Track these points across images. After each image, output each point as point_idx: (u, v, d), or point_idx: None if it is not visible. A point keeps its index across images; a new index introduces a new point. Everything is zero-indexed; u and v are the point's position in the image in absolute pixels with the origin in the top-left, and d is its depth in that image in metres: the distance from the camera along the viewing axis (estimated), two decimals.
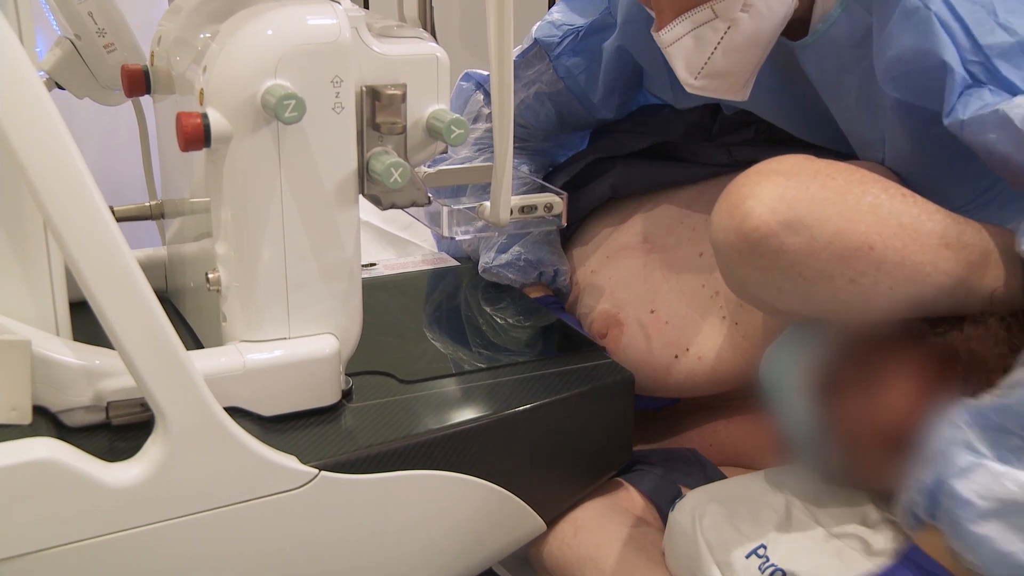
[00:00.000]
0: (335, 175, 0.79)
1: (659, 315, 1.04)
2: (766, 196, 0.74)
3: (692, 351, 1.01)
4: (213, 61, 0.77)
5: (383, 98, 0.79)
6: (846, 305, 0.77)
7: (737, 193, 0.76)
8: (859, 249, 0.74)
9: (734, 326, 1.00)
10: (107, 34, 1.01)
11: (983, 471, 0.68)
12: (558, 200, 0.95)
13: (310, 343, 0.82)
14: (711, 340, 1.01)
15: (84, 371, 0.76)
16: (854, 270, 0.75)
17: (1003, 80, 0.78)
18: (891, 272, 0.75)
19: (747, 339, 0.99)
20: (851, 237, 0.74)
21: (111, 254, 0.67)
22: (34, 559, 0.70)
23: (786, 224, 0.74)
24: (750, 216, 0.74)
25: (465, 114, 1.22)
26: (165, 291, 1.03)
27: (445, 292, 1.16)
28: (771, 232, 0.74)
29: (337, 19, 0.77)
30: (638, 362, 1.03)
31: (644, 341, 1.04)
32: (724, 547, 0.82)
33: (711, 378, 1.02)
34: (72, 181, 0.66)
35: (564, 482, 0.93)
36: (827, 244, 0.74)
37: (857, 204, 0.75)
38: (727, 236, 0.76)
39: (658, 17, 0.90)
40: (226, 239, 0.80)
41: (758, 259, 0.75)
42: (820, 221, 0.74)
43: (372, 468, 0.80)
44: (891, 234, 0.75)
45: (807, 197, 0.75)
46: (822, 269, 0.75)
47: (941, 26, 0.80)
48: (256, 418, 0.81)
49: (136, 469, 0.72)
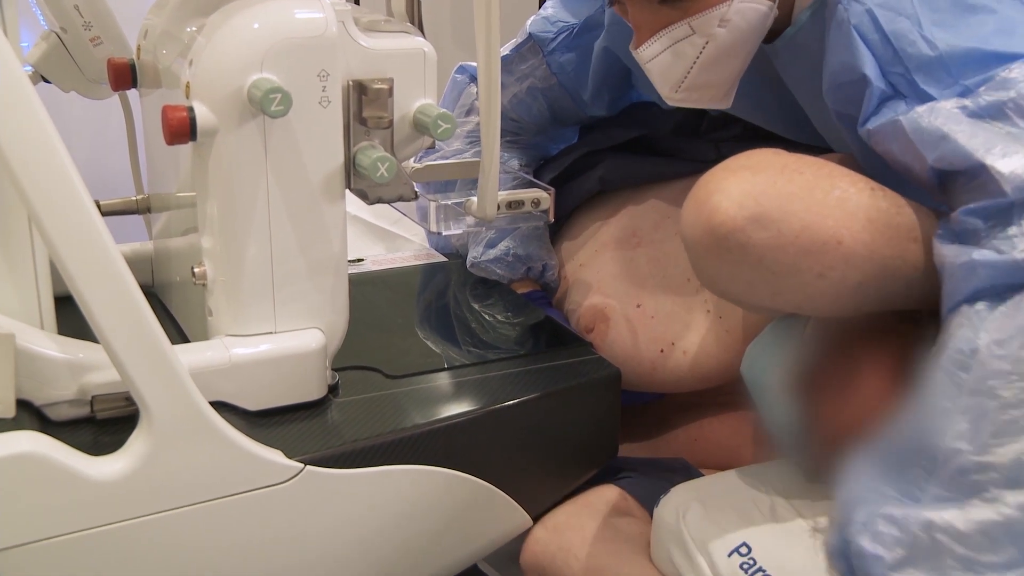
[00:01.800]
0: (321, 169, 0.79)
1: (645, 309, 1.05)
2: (733, 191, 0.75)
3: (677, 345, 1.02)
4: (199, 54, 0.76)
5: (370, 92, 0.79)
6: (816, 299, 0.78)
7: (704, 189, 0.77)
8: (827, 243, 0.75)
9: (718, 320, 1.00)
10: (93, 27, 1.01)
11: (884, 520, 0.68)
12: (545, 196, 0.95)
13: (296, 338, 0.82)
14: (696, 334, 1.01)
15: (68, 365, 0.76)
16: (822, 264, 0.75)
17: (921, 93, 0.78)
18: (860, 266, 0.75)
19: (730, 333, 0.99)
20: (819, 232, 0.74)
21: (96, 248, 0.67)
22: (17, 553, 0.70)
23: (753, 219, 0.74)
24: (717, 211, 0.75)
25: (458, 107, 1.23)
26: (151, 285, 1.03)
27: (433, 288, 1.16)
28: (738, 227, 0.74)
29: (324, 13, 0.77)
30: (624, 357, 1.03)
31: (630, 336, 1.04)
32: (707, 544, 0.82)
33: (695, 373, 1.02)
34: (56, 174, 0.66)
35: (550, 477, 0.93)
36: (795, 239, 0.74)
37: (825, 199, 0.75)
38: (695, 232, 0.77)
39: (636, 34, 0.91)
40: (212, 233, 0.80)
41: (726, 254, 0.76)
42: (787, 216, 0.74)
43: (358, 463, 0.80)
44: (859, 228, 0.75)
45: (774, 192, 0.75)
46: (790, 264, 0.75)
47: (861, 38, 0.80)
48: (241, 412, 0.81)
49: (120, 463, 0.72)
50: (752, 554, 0.80)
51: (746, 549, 0.81)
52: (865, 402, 0.79)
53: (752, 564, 0.80)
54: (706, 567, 0.81)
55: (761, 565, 0.79)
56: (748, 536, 0.81)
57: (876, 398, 0.78)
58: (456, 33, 2.38)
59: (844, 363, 0.81)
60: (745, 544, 0.81)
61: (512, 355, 0.96)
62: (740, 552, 0.80)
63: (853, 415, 0.79)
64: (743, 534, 0.82)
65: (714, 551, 0.81)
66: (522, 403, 0.88)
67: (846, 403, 0.80)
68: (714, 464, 1.03)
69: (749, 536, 0.81)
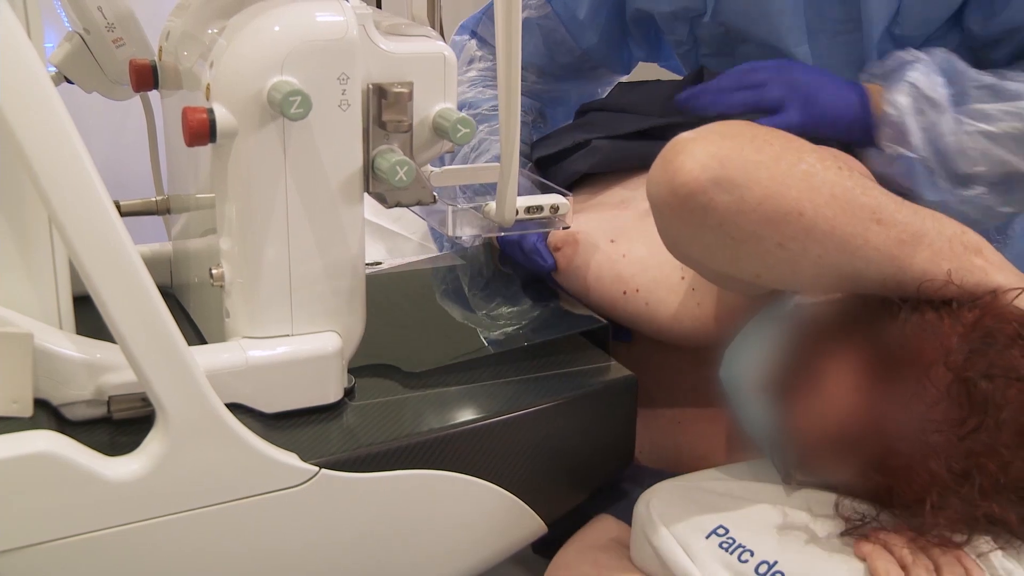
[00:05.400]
0: (340, 172, 0.79)
1: (618, 246, 1.03)
2: (699, 153, 0.75)
3: (641, 294, 1.00)
4: (220, 56, 0.77)
5: (390, 96, 0.79)
6: (774, 270, 0.78)
7: (672, 149, 0.77)
8: (789, 214, 0.75)
9: (691, 291, 0.99)
10: (116, 29, 1.01)
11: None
12: (564, 201, 0.95)
13: (313, 340, 0.82)
14: (663, 292, 1.00)
15: (86, 365, 0.76)
16: (783, 234, 0.76)
17: None
18: (820, 240, 0.76)
19: (700, 307, 0.98)
20: (781, 201, 0.75)
21: (114, 248, 0.67)
22: (33, 552, 0.70)
23: (715, 181, 0.75)
24: (681, 171, 0.75)
25: (460, 62, 1.23)
26: (170, 286, 1.03)
27: (448, 290, 1.16)
28: (700, 188, 0.75)
29: (345, 16, 0.77)
30: (584, 286, 1.03)
31: (595, 267, 1.03)
32: (682, 530, 0.81)
33: (652, 323, 1.01)
34: (76, 175, 0.66)
35: (565, 484, 0.93)
36: (757, 205, 0.75)
37: (790, 170, 0.76)
38: (659, 191, 0.78)
39: None
40: (230, 235, 0.80)
41: (688, 215, 0.76)
42: (751, 182, 0.75)
43: (373, 467, 0.80)
44: (822, 203, 0.75)
45: (740, 158, 0.76)
46: (751, 230, 0.76)
47: None
48: (257, 415, 0.81)
49: (136, 464, 0.72)
50: (731, 534, 0.80)
51: (723, 530, 0.80)
52: (829, 402, 0.79)
53: (732, 543, 0.79)
54: (681, 553, 0.81)
55: (741, 543, 0.79)
56: (724, 520, 0.81)
57: (839, 398, 0.78)
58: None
59: (817, 362, 0.81)
60: (722, 526, 0.81)
61: (528, 360, 0.96)
62: (717, 533, 0.80)
63: (819, 415, 0.79)
64: (719, 517, 0.82)
65: (690, 536, 0.81)
66: (538, 409, 0.88)
67: (812, 403, 0.80)
68: (690, 467, 1.03)
69: (725, 520, 0.81)
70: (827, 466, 0.81)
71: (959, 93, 1.04)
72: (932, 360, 0.75)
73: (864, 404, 0.76)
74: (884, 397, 0.76)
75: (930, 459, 0.74)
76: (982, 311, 0.76)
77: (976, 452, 0.73)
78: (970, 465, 0.73)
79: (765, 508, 0.83)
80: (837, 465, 0.80)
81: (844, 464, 0.79)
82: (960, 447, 0.73)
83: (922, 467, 0.74)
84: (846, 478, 0.80)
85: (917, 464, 0.74)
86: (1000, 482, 0.73)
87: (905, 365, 0.76)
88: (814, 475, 0.84)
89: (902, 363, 0.76)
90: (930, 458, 0.74)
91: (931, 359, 0.75)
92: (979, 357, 0.74)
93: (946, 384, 0.74)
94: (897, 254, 0.77)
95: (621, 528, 0.93)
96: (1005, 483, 0.73)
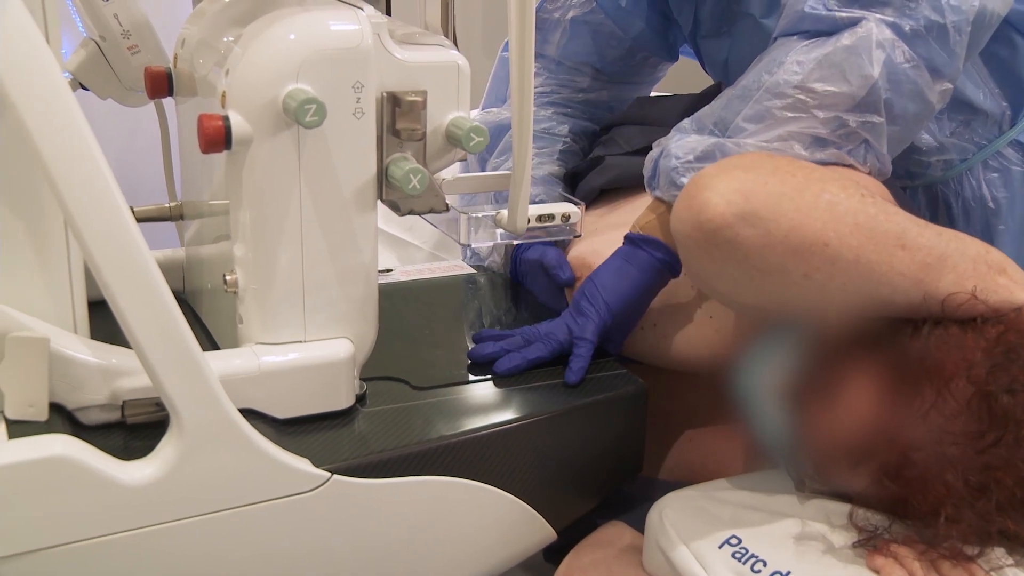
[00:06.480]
0: (354, 180, 0.80)
1: None
2: (723, 188, 0.76)
3: (659, 328, 1.01)
4: (235, 64, 0.77)
5: (403, 104, 0.80)
6: (801, 300, 0.79)
7: (695, 185, 0.78)
8: (814, 245, 0.75)
9: (708, 319, 0.99)
10: (132, 36, 1.02)
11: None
12: (576, 210, 0.95)
13: (325, 347, 0.83)
14: (680, 324, 1.00)
15: (101, 369, 0.76)
16: (808, 265, 0.76)
17: None
18: (845, 269, 0.76)
19: (719, 333, 0.98)
20: (806, 232, 0.75)
21: (130, 253, 0.68)
22: (47, 555, 0.70)
23: (741, 216, 0.75)
24: (706, 207, 0.76)
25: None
26: (183, 292, 1.04)
27: (461, 299, 1.16)
28: (726, 223, 0.75)
29: (359, 25, 0.77)
30: None
31: None
32: (695, 539, 0.81)
33: (670, 357, 1.00)
34: (93, 180, 0.66)
35: (576, 491, 0.93)
36: (783, 238, 0.75)
37: (815, 201, 0.76)
38: (685, 227, 0.78)
39: None
40: (244, 241, 0.80)
41: (714, 250, 0.77)
42: (776, 215, 0.75)
43: (384, 473, 0.80)
44: (847, 232, 0.76)
45: (764, 191, 0.76)
46: (777, 263, 0.76)
47: None
48: (270, 420, 0.81)
49: (150, 468, 0.73)
50: (743, 544, 0.80)
51: (736, 540, 0.80)
52: (848, 414, 0.79)
53: (745, 552, 0.79)
54: (694, 562, 0.80)
55: (754, 553, 0.79)
56: (738, 529, 0.81)
57: (858, 410, 0.78)
58: (487, 45, 2.39)
59: (834, 373, 0.81)
60: (735, 536, 0.81)
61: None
62: (731, 543, 0.80)
63: (836, 427, 0.79)
64: (732, 527, 0.82)
65: (702, 545, 0.81)
66: (549, 417, 0.88)
67: (830, 415, 0.80)
68: (704, 478, 1.02)
69: (739, 529, 0.81)
70: (843, 474, 0.81)
71: (720, 124, 0.98)
72: (953, 373, 0.75)
73: (883, 414, 0.76)
74: (903, 408, 0.76)
75: (947, 471, 0.74)
76: (1006, 327, 0.76)
77: (994, 466, 0.73)
78: (987, 479, 0.73)
79: (778, 518, 0.83)
80: (853, 473, 0.80)
81: (860, 473, 0.79)
82: (978, 460, 0.73)
83: (938, 479, 0.74)
84: (861, 487, 0.80)
85: (933, 476, 0.74)
86: (1017, 497, 0.73)
87: (926, 377, 0.76)
88: (829, 483, 0.83)
89: (923, 375, 0.76)
90: (947, 470, 0.74)
91: (952, 372, 0.75)
92: (1001, 372, 0.74)
93: (967, 397, 0.74)
94: (923, 278, 0.77)
95: (634, 535, 0.92)
96: (1021, 498, 0.73)
